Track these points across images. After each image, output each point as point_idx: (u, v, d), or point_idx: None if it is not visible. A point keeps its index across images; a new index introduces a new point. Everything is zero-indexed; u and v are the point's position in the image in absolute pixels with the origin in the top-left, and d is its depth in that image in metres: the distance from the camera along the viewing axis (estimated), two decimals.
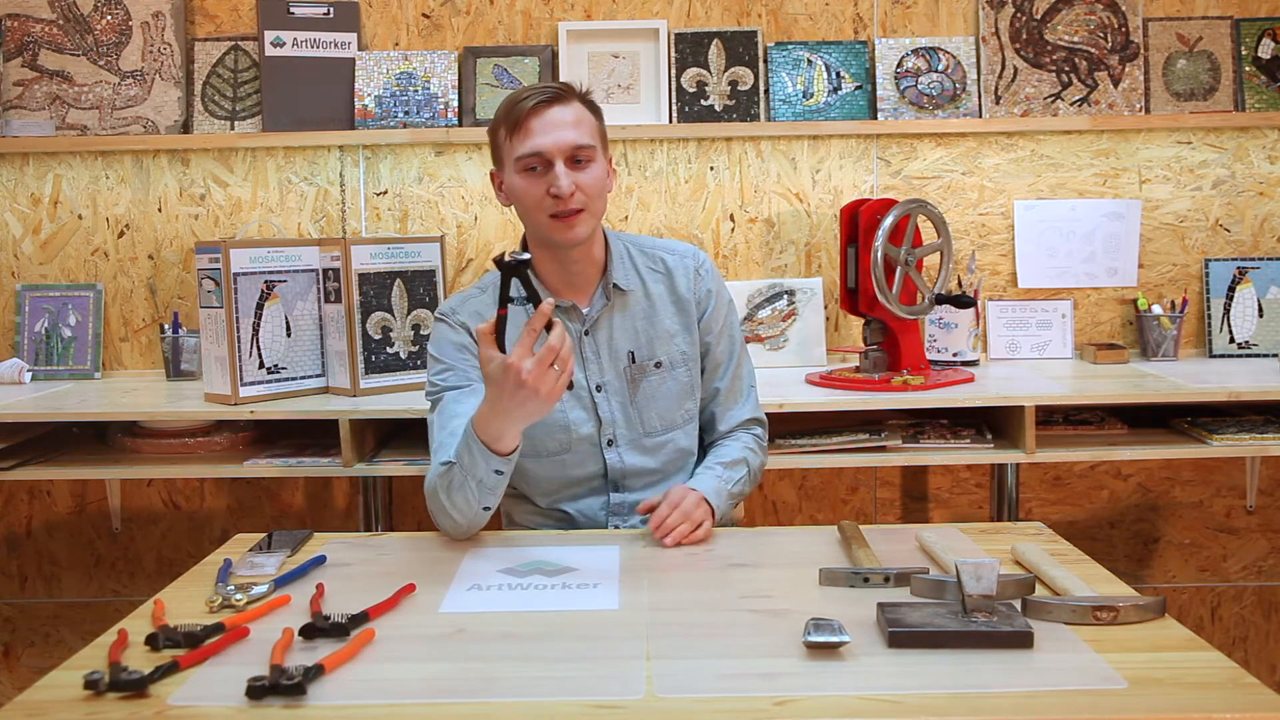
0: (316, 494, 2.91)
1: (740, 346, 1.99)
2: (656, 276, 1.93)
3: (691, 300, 1.93)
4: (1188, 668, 1.22)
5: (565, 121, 1.77)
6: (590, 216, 1.81)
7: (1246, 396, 2.35)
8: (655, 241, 1.99)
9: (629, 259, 1.93)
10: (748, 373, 1.99)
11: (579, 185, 1.78)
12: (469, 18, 2.83)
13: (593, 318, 1.88)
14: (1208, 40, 2.80)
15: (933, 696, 1.15)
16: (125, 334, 2.87)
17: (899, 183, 2.83)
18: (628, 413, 1.90)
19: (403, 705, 1.16)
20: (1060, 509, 2.92)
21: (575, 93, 1.82)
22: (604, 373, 1.90)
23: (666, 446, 1.92)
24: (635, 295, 1.91)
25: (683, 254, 1.95)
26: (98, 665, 1.23)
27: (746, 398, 1.98)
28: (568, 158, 1.78)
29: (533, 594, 1.49)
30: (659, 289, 1.92)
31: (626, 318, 1.90)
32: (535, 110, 1.77)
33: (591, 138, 1.80)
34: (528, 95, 1.79)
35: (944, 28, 2.83)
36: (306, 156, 2.83)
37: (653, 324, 1.91)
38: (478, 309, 1.88)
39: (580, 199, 1.78)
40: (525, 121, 1.77)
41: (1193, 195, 2.84)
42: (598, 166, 1.81)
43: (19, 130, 2.76)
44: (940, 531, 1.71)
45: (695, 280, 1.94)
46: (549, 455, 1.89)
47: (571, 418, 1.88)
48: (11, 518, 2.93)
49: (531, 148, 1.77)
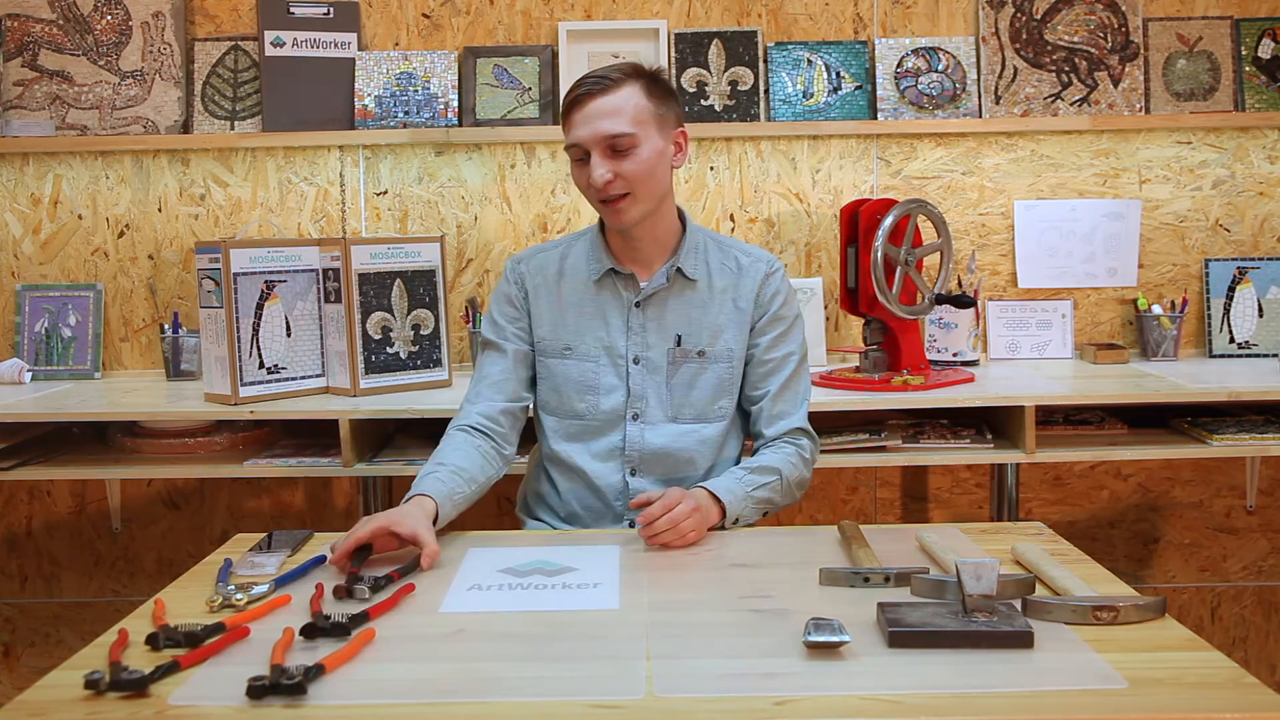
0: (316, 494, 2.91)
1: (801, 361, 1.98)
2: (725, 271, 1.95)
3: (752, 301, 1.94)
4: (1188, 668, 1.22)
5: (604, 112, 1.81)
6: (637, 200, 1.84)
7: (1246, 396, 2.35)
8: (737, 242, 2.02)
9: (702, 250, 1.96)
10: (804, 387, 1.98)
11: (619, 173, 1.82)
12: (469, 18, 2.83)
13: (648, 292, 1.92)
14: (1208, 40, 2.80)
15: (933, 696, 1.15)
16: (125, 334, 2.87)
17: (899, 183, 2.83)
18: (660, 392, 1.92)
19: (403, 705, 1.16)
20: (1060, 509, 2.92)
21: (631, 75, 1.84)
22: (648, 348, 1.93)
23: (691, 436, 1.92)
24: (699, 283, 1.94)
25: (757, 258, 1.97)
26: (98, 665, 1.23)
27: (799, 409, 1.96)
28: (605, 148, 1.81)
29: (533, 594, 1.49)
30: (723, 283, 1.95)
31: (683, 301, 1.93)
32: (579, 103, 1.82)
33: (631, 124, 1.81)
34: (577, 86, 1.84)
35: (944, 28, 2.83)
36: (306, 156, 2.83)
37: (707, 314, 1.93)
38: (541, 264, 1.98)
39: (620, 186, 1.82)
40: (570, 114, 1.84)
41: (1193, 195, 2.84)
42: (643, 150, 1.82)
43: (19, 130, 2.76)
44: (940, 531, 1.71)
45: (762, 284, 1.95)
46: (573, 417, 1.94)
47: (603, 383, 1.92)
48: (11, 518, 2.93)
49: (573, 140, 1.84)
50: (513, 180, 2.83)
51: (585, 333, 1.93)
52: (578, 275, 1.96)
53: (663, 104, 1.87)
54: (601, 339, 1.93)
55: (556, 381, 1.94)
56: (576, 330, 1.93)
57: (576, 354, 1.93)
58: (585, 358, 1.93)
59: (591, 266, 1.94)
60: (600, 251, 1.94)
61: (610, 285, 1.94)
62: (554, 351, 1.94)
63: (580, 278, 1.95)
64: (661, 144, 1.86)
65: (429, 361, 2.53)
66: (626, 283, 1.93)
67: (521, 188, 2.84)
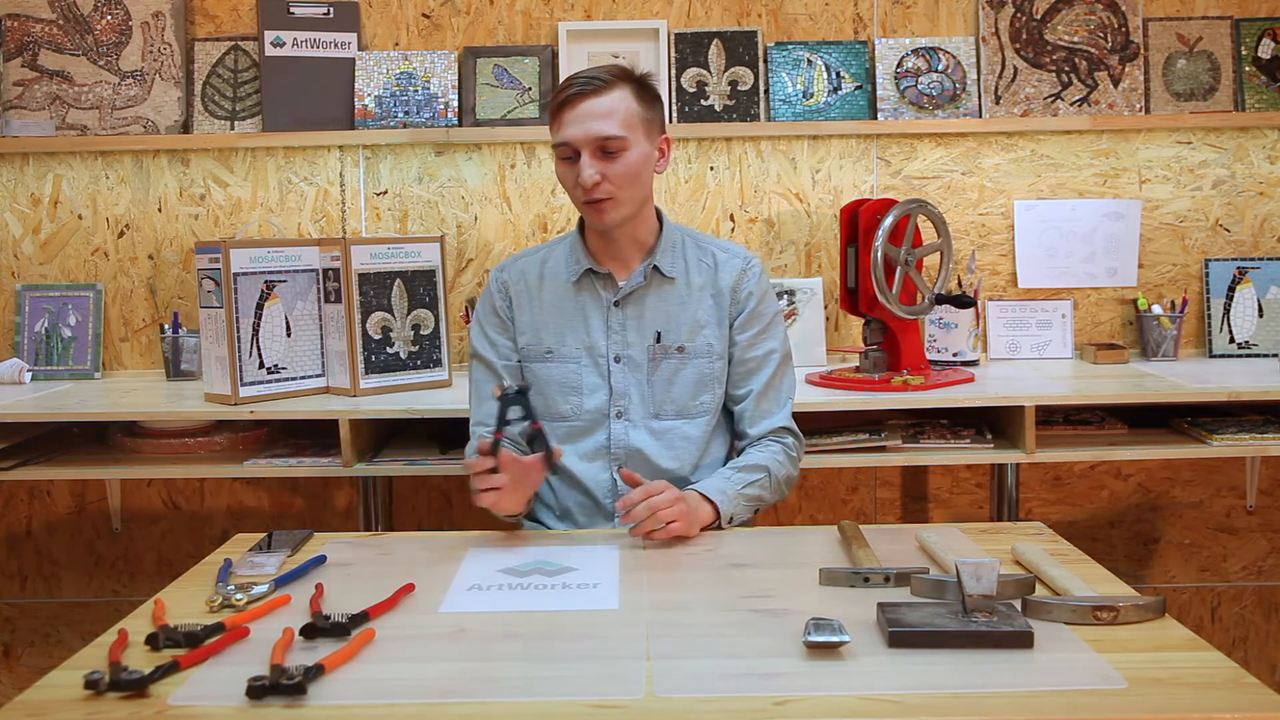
0: (316, 494, 2.91)
1: (784, 359, 1.99)
2: (703, 268, 1.97)
3: (728, 297, 1.96)
4: (1188, 668, 1.22)
5: (596, 113, 1.83)
6: (620, 203, 1.86)
7: (1246, 396, 2.35)
8: (715, 240, 2.04)
9: (680, 248, 1.98)
10: (788, 386, 2.00)
11: (606, 175, 1.84)
12: (469, 18, 2.83)
13: (626, 291, 1.94)
14: (1208, 40, 2.80)
15: (933, 696, 1.15)
16: (125, 334, 2.87)
17: (899, 183, 2.83)
18: (642, 390, 1.94)
19: (403, 705, 1.16)
20: (1060, 509, 2.92)
21: (621, 79, 1.87)
22: (628, 346, 1.94)
23: (673, 433, 1.93)
24: (677, 280, 1.95)
25: (734, 254, 2.00)
26: (98, 665, 1.23)
27: (782, 408, 1.97)
28: (595, 149, 1.83)
29: (533, 594, 1.49)
30: (701, 280, 1.96)
31: (661, 298, 1.95)
32: (570, 102, 1.84)
33: (622, 128, 1.83)
34: (568, 84, 1.86)
35: (944, 28, 2.83)
36: (306, 156, 2.83)
37: (685, 310, 1.95)
38: (522, 269, 2.00)
39: (607, 188, 1.84)
40: (561, 112, 1.85)
41: (1193, 195, 2.84)
42: (631, 154, 1.85)
43: (19, 130, 2.76)
44: (940, 531, 1.71)
45: (738, 279, 1.97)
46: (559, 419, 1.95)
47: (585, 383, 1.94)
48: (11, 518, 2.93)
49: (562, 138, 1.85)
50: (513, 180, 2.83)
51: (566, 334, 1.95)
52: (557, 278, 1.98)
53: (650, 109, 1.90)
54: (582, 339, 1.95)
55: (541, 385, 1.95)
56: (557, 332, 1.96)
57: (558, 356, 1.95)
58: (567, 359, 1.95)
59: (570, 268, 1.97)
60: (579, 253, 1.96)
61: (589, 285, 1.96)
62: (536, 356, 1.97)
63: (559, 280, 1.98)
64: (648, 149, 1.89)
65: (429, 361, 2.53)
66: (605, 282, 1.95)
67: (521, 188, 2.84)
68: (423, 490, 2.91)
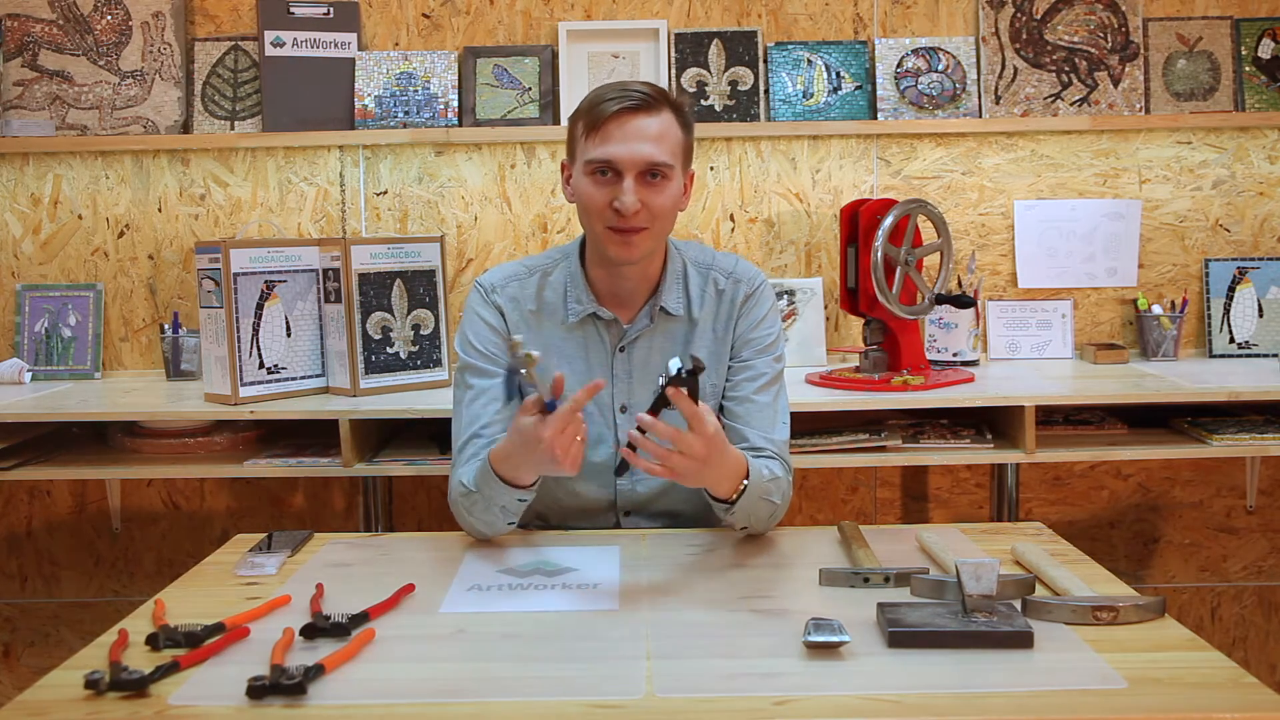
0: (316, 494, 2.91)
1: (782, 379, 1.85)
2: (706, 299, 1.83)
3: (730, 329, 1.82)
4: (1188, 668, 1.22)
5: (647, 134, 1.66)
6: (651, 237, 1.71)
7: (1246, 396, 2.35)
8: (716, 261, 1.86)
9: (683, 279, 1.83)
10: (783, 406, 1.83)
11: (646, 204, 1.67)
12: (469, 18, 2.83)
13: (632, 336, 1.80)
14: (1208, 40, 2.80)
15: (933, 696, 1.15)
16: (125, 334, 2.87)
17: (899, 183, 2.83)
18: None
19: (403, 705, 1.16)
20: (1060, 509, 2.92)
21: (668, 101, 1.71)
22: (633, 394, 1.81)
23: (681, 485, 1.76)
24: (680, 317, 1.81)
25: (737, 278, 1.84)
26: (98, 665, 1.23)
27: (782, 424, 1.82)
28: (641, 173, 1.67)
29: (533, 594, 1.49)
30: (705, 313, 1.82)
31: (666, 338, 1.81)
32: (618, 116, 1.66)
33: (671, 156, 1.68)
34: (614, 96, 1.67)
35: (944, 28, 2.83)
36: (306, 156, 2.83)
37: (689, 349, 1.81)
38: (515, 294, 1.82)
39: (644, 218, 1.68)
40: (605, 125, 1.66)
41: (1193, 195, 2.84)
42: (673, 186, 1.71)
43: (19, 130, 2.76)
44: (940, 531, 1.71)
45: (741, 307, 1.82)
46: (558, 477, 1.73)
47: (590, 434, 1.74)
48: (11, 518, 2.93)
49: (604, 154, 1.67)
50: (513, 180, 2.83)
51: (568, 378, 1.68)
52: (555, 315, 1.81)
53: (688, 140, 1.75)
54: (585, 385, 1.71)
55: None
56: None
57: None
58: None
59: (571, 307, 1.80)
60: (580, 289, 1.80)
61: (591, 326, 1.81)
62: None
63: (558, 318, 1.81)
64: (682, 183, 1.75)
65: (429, 361, 2.53)
66: (610, 327, 1.80)
67: (521, 188, 2.84)
68: (423, 490, 2.91)
